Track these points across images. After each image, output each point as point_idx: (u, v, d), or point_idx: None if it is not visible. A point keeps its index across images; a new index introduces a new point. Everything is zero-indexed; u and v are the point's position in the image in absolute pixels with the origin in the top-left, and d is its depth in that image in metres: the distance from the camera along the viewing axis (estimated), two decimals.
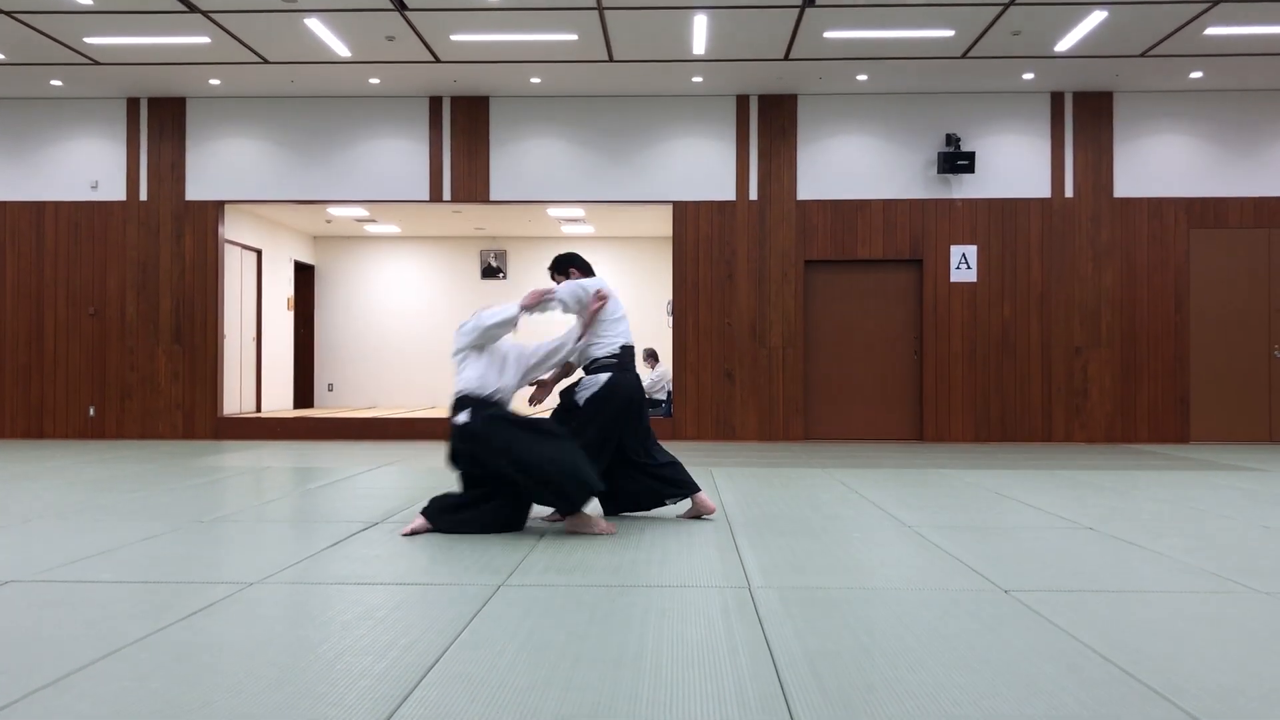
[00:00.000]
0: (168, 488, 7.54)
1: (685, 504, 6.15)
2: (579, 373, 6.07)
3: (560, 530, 5.61)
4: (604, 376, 5.79)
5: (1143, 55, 11.06)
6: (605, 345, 5.86)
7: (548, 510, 5.97)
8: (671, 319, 12.86)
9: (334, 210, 14.23)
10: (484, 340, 5.62)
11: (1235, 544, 5.27)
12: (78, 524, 5.80)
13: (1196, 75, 11.78)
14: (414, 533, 5.43)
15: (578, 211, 14.23)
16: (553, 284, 6.02)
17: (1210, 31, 10.28)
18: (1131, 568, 4.64)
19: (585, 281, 5.94)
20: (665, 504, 6.01)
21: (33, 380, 12.84)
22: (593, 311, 5.81)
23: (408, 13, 9.81)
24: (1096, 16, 9.88)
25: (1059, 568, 4.63)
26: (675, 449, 11.22)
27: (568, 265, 6.18)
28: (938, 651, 3.26)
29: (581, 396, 5.80)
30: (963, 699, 2.82)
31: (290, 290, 16.02)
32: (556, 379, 6.19)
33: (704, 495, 6.06)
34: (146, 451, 10.82)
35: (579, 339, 5.89)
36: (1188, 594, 4.13)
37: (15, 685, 2.90)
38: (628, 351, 5.92)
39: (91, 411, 12.79)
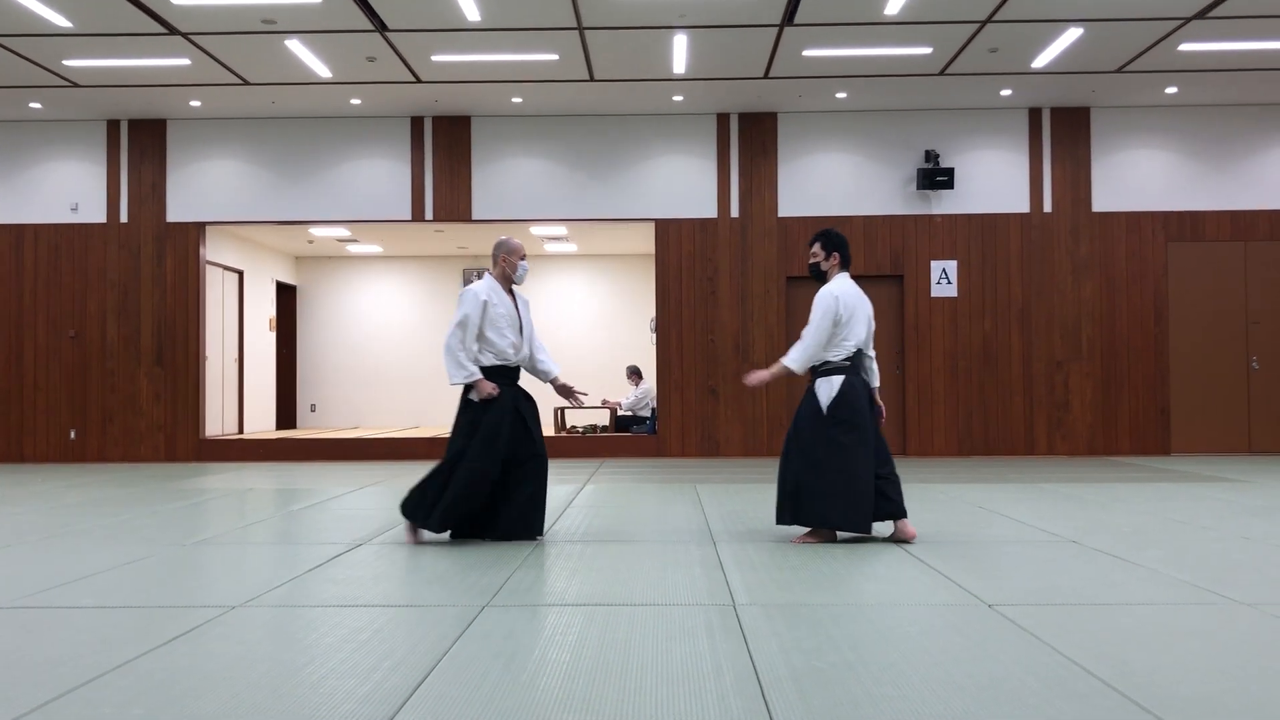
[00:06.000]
0: (150, 511, 7.49)
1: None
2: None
3: (546, 551, 5.60)
4: (838, 379, 5.84)
5: (1118, 71, 11.18)
6: (840, 349, 5.87)
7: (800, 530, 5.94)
8: (655, 336, 12.88)
9: (316, 231, 14.21)
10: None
11: (1216, 556, 5.30)
12: (59, 549, 5.76)
13: (1172, 90, 11.91)
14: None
15: (560, 230, 14.25)
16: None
17: (1184, 47, 10.40)
18: (1114, 581, 4.66)
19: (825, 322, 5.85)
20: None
21: (12, 404, 12.74)
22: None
23: (388, 34, 9.84)
24: (1072, 33, 9.98)
25: (1043, 581, 4.65)
26: (659, 466, 11.26)
27: (835, 249, 5.95)
28: (922, 667, 3.27)
29: (823, 402, 5.79)
30: (947, 714, 2.83)
31: (272, 311, 15.97)
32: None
33: (908, 522, 5.82)
34: (128, 474, 10.74)
35: None
36: (1170, 606, 4.16)
37: None
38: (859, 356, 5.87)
39: (72, 435, 12.70)
